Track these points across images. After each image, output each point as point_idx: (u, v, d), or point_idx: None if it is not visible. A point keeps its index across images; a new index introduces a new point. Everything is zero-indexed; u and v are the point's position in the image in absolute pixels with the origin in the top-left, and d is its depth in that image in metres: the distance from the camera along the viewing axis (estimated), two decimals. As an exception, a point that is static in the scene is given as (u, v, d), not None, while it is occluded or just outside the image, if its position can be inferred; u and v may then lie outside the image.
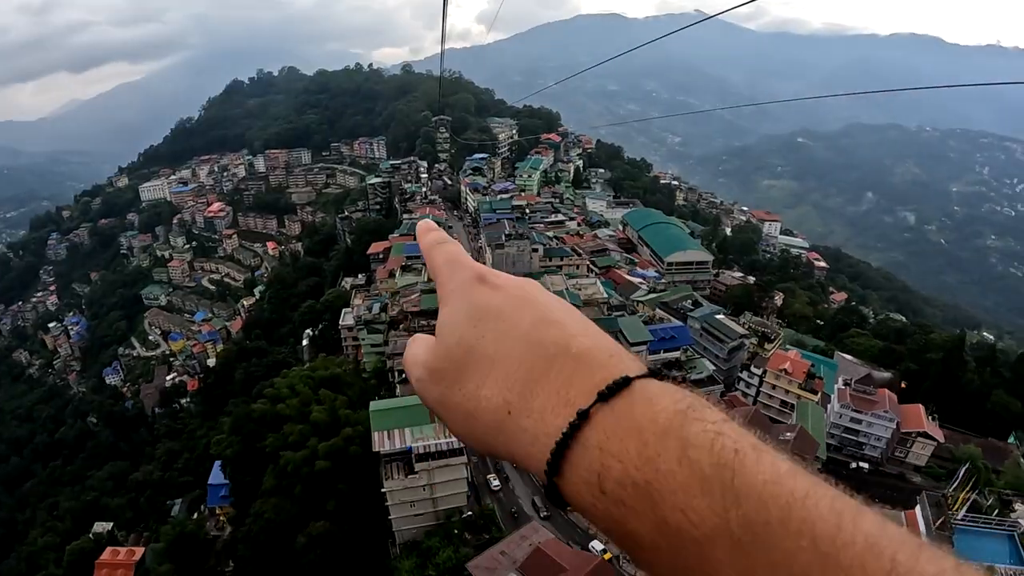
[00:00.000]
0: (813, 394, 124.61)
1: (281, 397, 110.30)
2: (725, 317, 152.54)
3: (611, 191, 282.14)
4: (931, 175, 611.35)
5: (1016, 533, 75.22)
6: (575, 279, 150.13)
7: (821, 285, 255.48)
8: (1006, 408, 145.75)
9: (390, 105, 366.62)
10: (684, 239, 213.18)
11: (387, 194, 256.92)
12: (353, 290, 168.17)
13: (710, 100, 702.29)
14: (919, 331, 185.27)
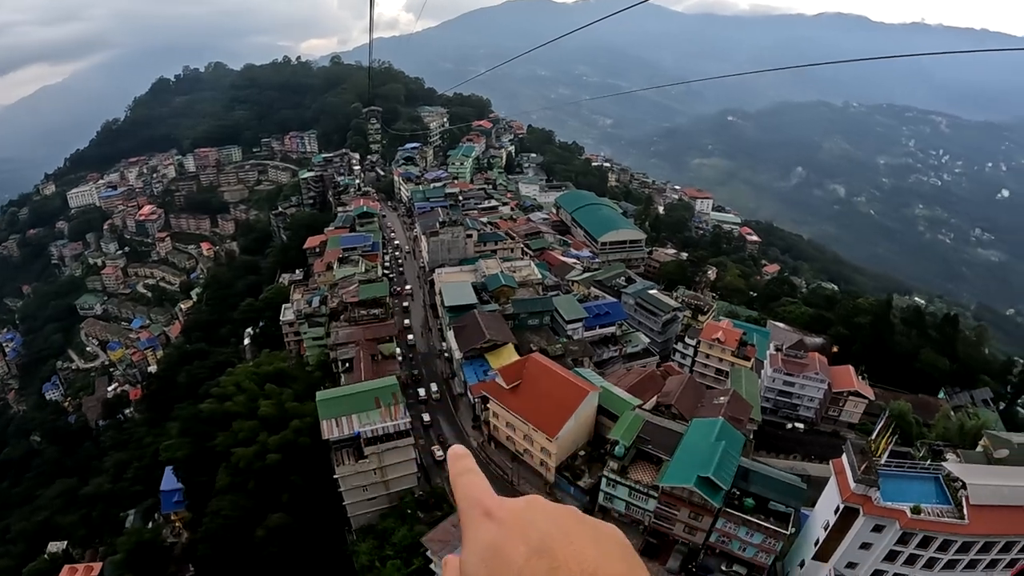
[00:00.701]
0: (746, 361, 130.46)
1: (228, 395, 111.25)
2: (658, 292, 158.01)
3: (544, 175, 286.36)
4: (859, 149, 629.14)
5: (941, 476, 79.60)
6: (510, 262, 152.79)
7: (753, 258, 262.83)
8: (934, 366, 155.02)
9: (320, 98, 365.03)
10: (617, 219, 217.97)
11: (320, 188, 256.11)
12: (291, 285, 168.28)
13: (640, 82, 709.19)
14: (848, 298, 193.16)
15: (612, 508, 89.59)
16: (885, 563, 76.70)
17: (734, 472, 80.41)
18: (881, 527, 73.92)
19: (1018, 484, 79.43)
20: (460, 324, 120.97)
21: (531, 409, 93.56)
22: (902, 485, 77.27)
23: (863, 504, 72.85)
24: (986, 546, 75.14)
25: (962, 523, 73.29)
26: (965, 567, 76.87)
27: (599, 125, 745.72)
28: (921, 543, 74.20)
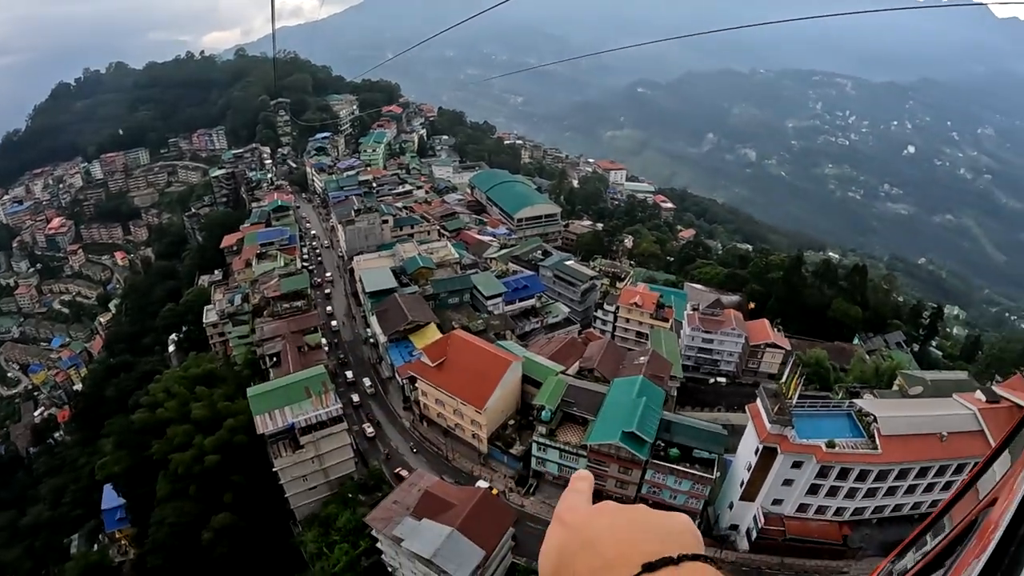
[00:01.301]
0: (664, 322, 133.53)
1: (159, 402, 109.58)
2: (575, 262, 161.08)
3: (457, 156, 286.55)
4: (767, 113, 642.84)
5: (853, 411, 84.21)
6: (427, 244, 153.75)
7: (669, 224, 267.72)
8: (847, 314, 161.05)
9: (226, 93, 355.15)
10: (531, 195, 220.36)
11: (233, 185, 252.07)
12: (212, 286, 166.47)
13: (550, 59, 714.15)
14: (760, 255, 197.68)
15: (546, 472, 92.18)
16: (809, 497, 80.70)
17: (657, 425, 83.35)
18: (800, 463, 77.40)
19: (925, 414, 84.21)
20: (382, 308, 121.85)
21: (458, 384, 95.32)
22: (817, 423, 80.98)
23: (780, 443, 76.11)
24: (902, 473, 79.48)
25: (876, 453, 77.34)
26: (885, 494, 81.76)
27: (510, 103, 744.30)
28: (840, 475, 78.18)
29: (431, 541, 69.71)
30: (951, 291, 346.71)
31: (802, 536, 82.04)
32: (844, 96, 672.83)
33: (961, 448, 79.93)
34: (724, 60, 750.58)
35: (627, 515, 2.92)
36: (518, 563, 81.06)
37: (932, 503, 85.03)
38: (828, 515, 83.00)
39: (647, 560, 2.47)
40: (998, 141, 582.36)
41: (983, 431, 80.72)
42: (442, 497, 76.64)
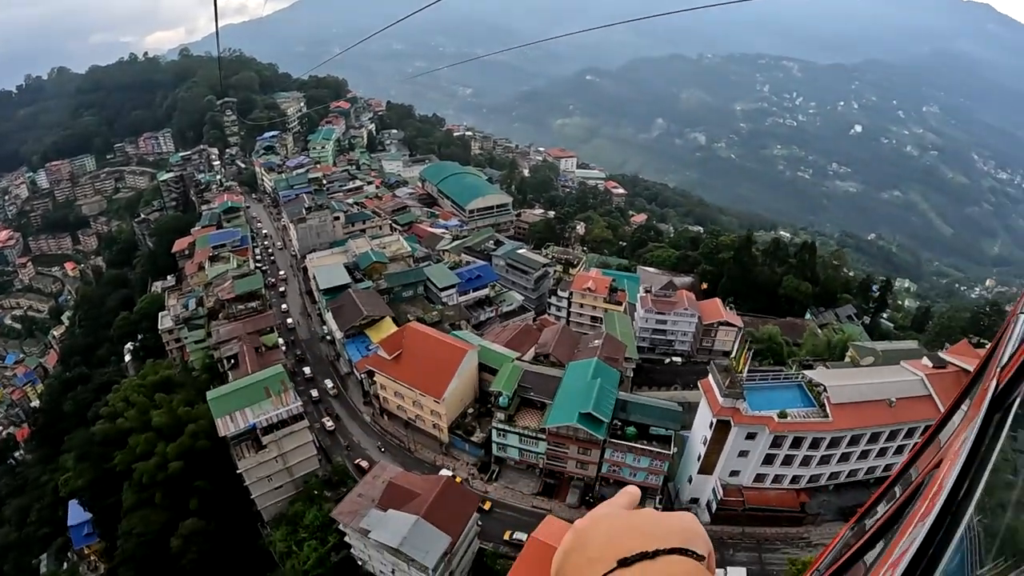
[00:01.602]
0: (618, 305, 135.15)
1: (119, 412, 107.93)
2: (527, 251, 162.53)
3: (406, 150, 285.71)
4: (716, 97, 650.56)
5: (803, 382, 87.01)
6: (379, 239, 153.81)
7: (621, 210, 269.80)
8: (797, 290, 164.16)
9: (171, 94, 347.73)
10: (482, 186, 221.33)
11: (181, 188, 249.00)
12: (165, 292, 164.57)
13: (498, 49, 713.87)
14: (711, 236, 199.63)
15: (507, 457, 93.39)
16: (765, 467, 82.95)
17: (613, 405, 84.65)
18: (754, 435, 79.38)
19: (873, 382, 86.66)
20: (337, 305, 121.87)
21: (415, 375, 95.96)
22: (769, 395, 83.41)
23: (733, 416, 77.91)
24: (853, 439, 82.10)
25: (827, 421, 79.69)
26: (839, 461, 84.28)
27: (459, 95, 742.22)
28: (793, 444, 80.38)
29: (397, 531, 70.67)
30: (901, 265, 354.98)
31: (761, 505, 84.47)
32: (791, 79, 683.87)
33: (910, 413, 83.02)
34: (672, 46, 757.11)
35: (629, 517, 2.94)
36: (485, 548, 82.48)
37: (886, 467, 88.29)
38: (785, 484, 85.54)
39: (624, 555, 2.51)
40: (942, 118, 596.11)
41: (931, 395, 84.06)
42: (406, 487, 77.42)
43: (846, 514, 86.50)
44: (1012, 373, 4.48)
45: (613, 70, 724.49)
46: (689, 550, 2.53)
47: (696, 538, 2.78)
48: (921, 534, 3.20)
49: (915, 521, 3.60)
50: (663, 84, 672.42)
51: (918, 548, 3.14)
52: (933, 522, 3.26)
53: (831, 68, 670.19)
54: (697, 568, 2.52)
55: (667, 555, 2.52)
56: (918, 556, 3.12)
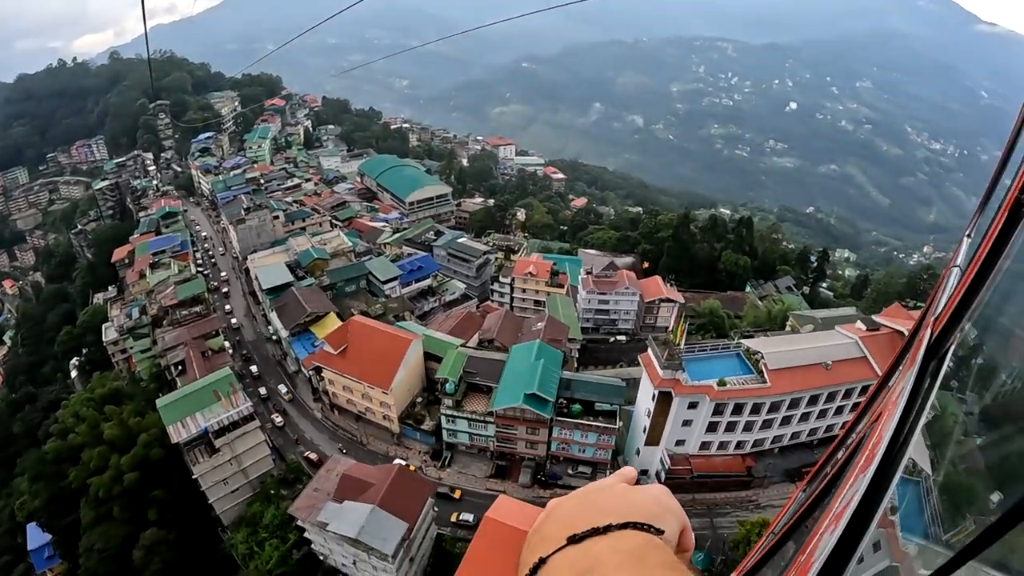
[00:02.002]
0: (560, 288, 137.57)
1: (69, 428, 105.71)
2: (467, 239, 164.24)
3: (344, 145, 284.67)
4: (652, 80, 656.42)
5: (740, 351, 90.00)
6: (319, 236, 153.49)
7: (561, 195, 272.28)
8: (736, 264, 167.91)
9: (102, 100, 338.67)
10: (421, 177, 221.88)
11: (118, 196, 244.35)
12: (107, 303, 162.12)
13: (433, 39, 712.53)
14: (650, 216, 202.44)
15: (458, 443, 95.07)
16: (709, 434, 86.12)
17: (557, 384, 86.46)
18: (695, 404, 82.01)
19: (809, 346, 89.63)
20: (281, 304, 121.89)
21: (362, 368, 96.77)
22: (708, 365, 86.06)
23: (674, 387, 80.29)
24: (793, 403, 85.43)
25: (765, 386, 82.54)
26: (781, 424, 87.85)
27: (396, 87, 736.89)
28: (735, 410, 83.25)
29: (355, 521, 71.60)
30: (840, 236, 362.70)
31: (708, 472, 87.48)
32: (726, 59, 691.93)
33: (846, 374, 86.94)
34: (608, 31, 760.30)
35: (596, 494, 2.88)
36: (444, 534, 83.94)
37: (828, 428, 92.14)
38: (730, 450, 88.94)
39: (574, 533, 2.43)
40: (876, 93, 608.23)
41: (866, 357, 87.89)
42: (360, 478, 78.26)
43: (792, 475, 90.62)
44: (945, 322, 4.86)
45: (550, 57, 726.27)
46: (644, 524, 2.45)
47: (663, 512, 2.69)
48: (863, 486, 3.18)
49: (856, 474, 3.79)
50: (600, 69, 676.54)
51: (860, 500, 3.11)
52: (874, 473, 3.26)
53: (766, 47, 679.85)
54: (650, 542, 2.39)
55: (618, 530, 2.40)
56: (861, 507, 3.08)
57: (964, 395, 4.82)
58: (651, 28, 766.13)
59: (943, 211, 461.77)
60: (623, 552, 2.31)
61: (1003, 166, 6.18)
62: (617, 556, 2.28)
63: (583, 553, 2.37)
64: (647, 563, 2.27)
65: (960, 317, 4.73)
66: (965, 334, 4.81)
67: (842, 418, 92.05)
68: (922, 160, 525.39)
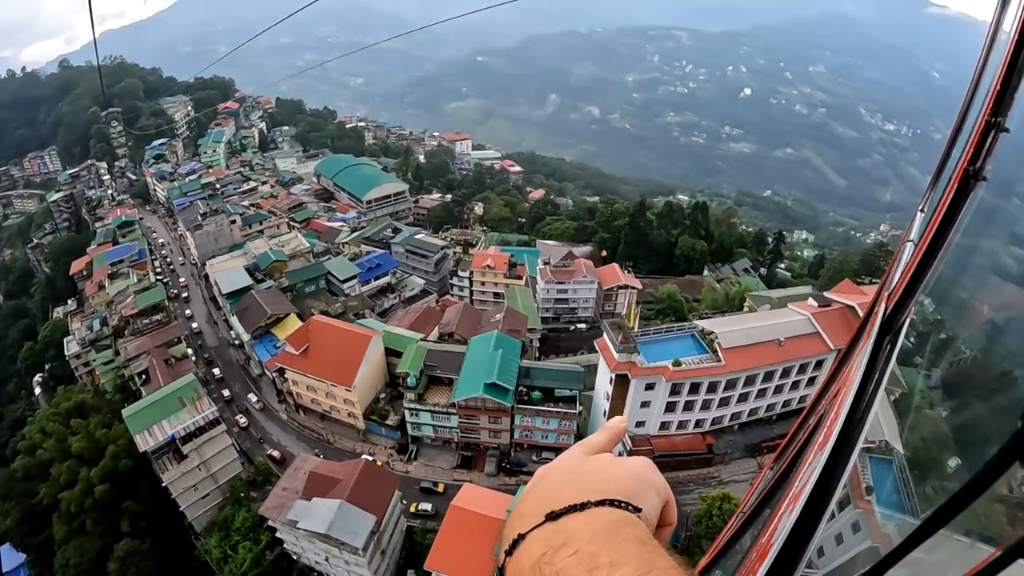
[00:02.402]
0: (519, 279, 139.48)
1: (37, 444, 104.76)
2: (425, 235, 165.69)
3: (299, 146, 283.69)
4: (608, 70, 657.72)
5: (696, 332, 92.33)
6: (277, 238, 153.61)
7: (518, 188, 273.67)
8: (693, 249, 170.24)
9: (54, 109, 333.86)
10: (378, 176, 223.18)
11: (73, 208, 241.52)
12: (68, 317, 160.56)
13: (386, 36, 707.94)
14: (606, 205, 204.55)
15: (423, 436, 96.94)
16: (668, 414, 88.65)
17: (516, 373, 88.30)
18: (652, 385, 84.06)
19: (761, 324, 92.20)
20: (241, 307, 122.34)
21: (324, 367, 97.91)
22: (664, 347, 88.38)
23: (630, 369, 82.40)
24: (748, 380, 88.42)
25: (720, 365, 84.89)
26: (738, 402, 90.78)
27: (351, 85, 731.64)
28: (691, 390, 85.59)
29: (324, 517, 72.82)
30: (798, 218, 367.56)
31: (670, 451, 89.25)
32: (681, 47, 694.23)
33: (799, 350, 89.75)
34: (562, 22, 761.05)
35: (580, 466, 2.86)
36: (414, 526, 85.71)
37: (784, 403, 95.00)
38: (690, 428, 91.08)
39: (553, 509, 2.46)
40: (830, 77, 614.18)
41: (818, 332, 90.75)
42: (327, 475, 79.51)
43: (752, 451, 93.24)
44: (899, 296, 5.00)
45: (504, 50, 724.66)
46: (621, 501, 2.47)
47: (644, 488, 2.73)
48: (819, 465, 3.29)
49: (815, 453, 3.83)
50: (555, 60, 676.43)
51: (817, 479, 3.21)
52: (831, 451, 3.37)
53: (720, 35, 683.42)
54: (624, 518, 2.43)
55: (595, 507, 2.44)
56: (819, 486, 3.19)
57: (929, 371, 5.06)
58: (605, 19, 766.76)
59: (899, 190, 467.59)
60: (595, 527, 2.31)
61: (952, 143, 6.49)
62: (589, 531, 2.28)
63: (557, 529, 2.38)
64: (618, 537, 2.29)
65: (913, 291, 4.97)
66: (924, 309, 5.13)
67: (799, 393, 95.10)
68: (877, 141, 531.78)
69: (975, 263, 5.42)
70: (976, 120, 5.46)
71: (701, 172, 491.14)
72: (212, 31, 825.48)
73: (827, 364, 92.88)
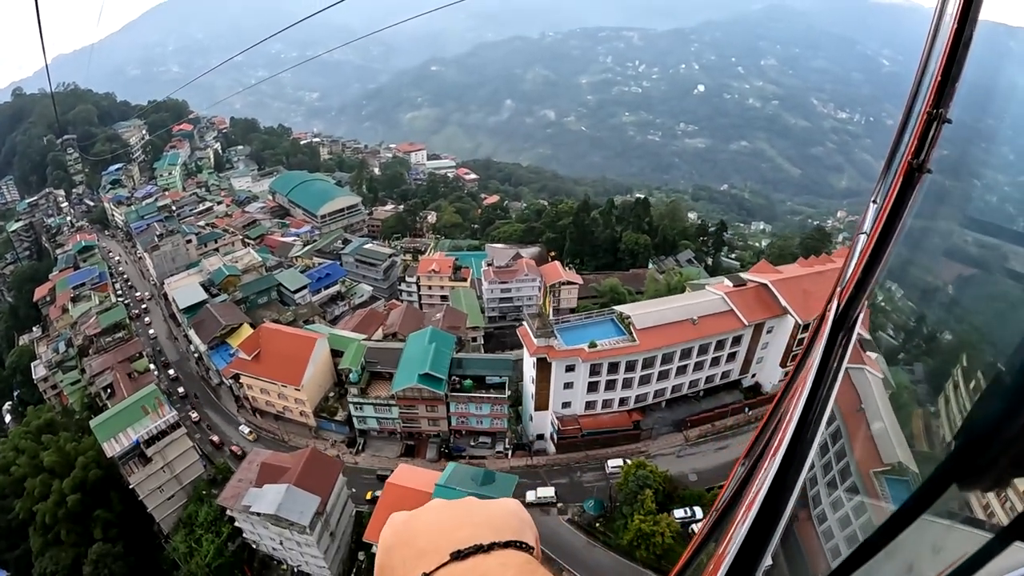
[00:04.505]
0: (463, 281, 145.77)
1: (10, 462, 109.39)
2: (373, 245, 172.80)
3: (255, 165, 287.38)
4: (560, 74, 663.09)
5: (614, 317, 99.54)
6: (231, 255, 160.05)
7: (472, 194, 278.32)
8: (637, 243, 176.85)
9: (8, 139, 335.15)
10: (331, 190, 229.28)
11: (32, 236, 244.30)
12: (34, 343, 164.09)
13: (338, 50, 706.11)
14: (551, 206, 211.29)
15: (369, 429, 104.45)
16: (591, 394, 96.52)
17: (448, 364, 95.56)
18: (572, 367, 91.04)
19: (675, 306, 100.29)
20: (197, 320, 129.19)
21: (274, 369, 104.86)
22: (584, 331, 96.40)
23: (548, 352, 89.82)
24: (666, 358, 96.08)
25: (634, 344, 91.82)
26: (659, 379, 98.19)
27: (306, 101, 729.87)
28: (610, 369, 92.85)
29: (273, 500, 79.44)
30: (755, 209, 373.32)
31: (597, 429, 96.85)
32: (632, 47, 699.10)
33: (712, 327, 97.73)
34: (511, 28, 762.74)
35: (451, 508, 2.88)
36: (363, 511, 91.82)
37: (707, 379, 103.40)
38: (615, 407, 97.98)
39: (457, 548, 2.43)
40: (780, 69, 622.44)
41: (732, 310, 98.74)
42: (277, 465, 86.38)
43: (679, 426, 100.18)
44: (850, 292, 5.02)
45: (456, 57, 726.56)
46: (522, 543, 2.54)
47: (524, 527, 2.79)
48: (773, 468, 3.26)
49: (770, 456, 3.67)
50: (508, 66, 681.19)
51: (770, 484, 3.20)
52: (784, 454, 3.35)
53: (670, 33, 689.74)
54: (531, 560, 2.48)
55: (502, 548, 2.47)
56: (770, 493, 3.19)
57: (911, 366, 4.92)
58: (555, 23, 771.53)
59: (854, 176, 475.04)
60: (512, 568, 2.39)
61: (902, 132, 6.41)
62: (508, 572, 2.36)
63: (470, 568, 2.39)
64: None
65: (865, 285, 4.95)
66: (893, 298, 5.22)
67: (719, 369, 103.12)
68: (830, 130, 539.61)
69: (925, 253, 5.60)
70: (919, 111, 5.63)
71: (657, 169, 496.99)
72: (163, 52, 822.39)
73: (744, 339, 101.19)
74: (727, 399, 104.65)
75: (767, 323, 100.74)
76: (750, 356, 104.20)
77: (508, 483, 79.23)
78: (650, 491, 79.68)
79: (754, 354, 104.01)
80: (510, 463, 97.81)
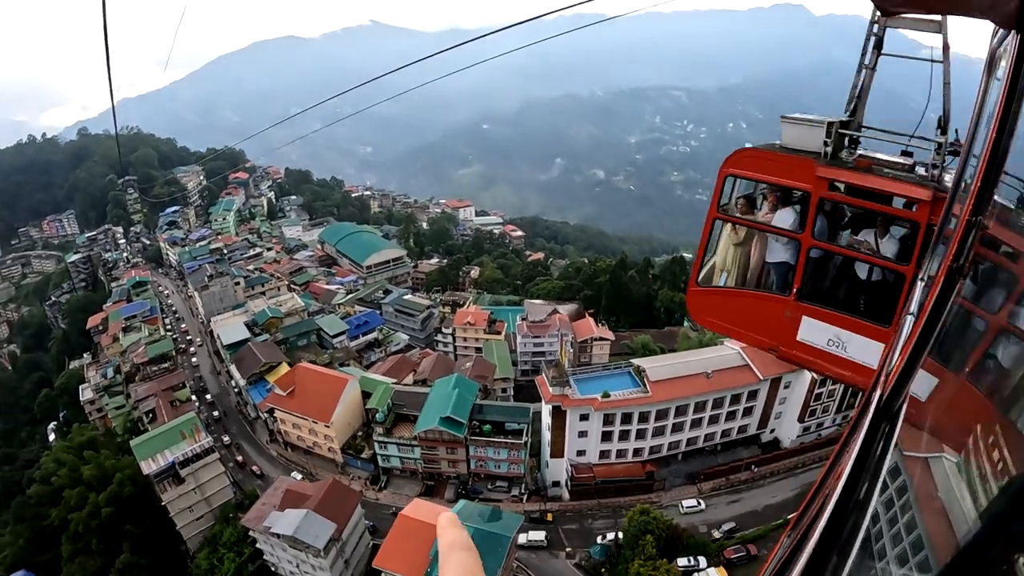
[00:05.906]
0: (498, 335, 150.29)
1: (51, 472, 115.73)
2: (413, 296, 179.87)
3: (306, 215, 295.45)
4: (608, 133, 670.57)
5: (631, 369, 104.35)
6: (276, 298, 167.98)
7: (517, 251, 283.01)
8: (672, 301, 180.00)
9: (71, 175, 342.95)
10: (377, 242, 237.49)
11: (90, 268, 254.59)
12: (84, 368, 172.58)
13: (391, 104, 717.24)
14: (589, 264, 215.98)
15: (392, 467, 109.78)
16: (605, 443, 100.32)
17: (470, 410, 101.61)
18: (586, 416, 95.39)
19: (690, 359, 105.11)
20: (239, 357, 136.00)
21: (306, 406, 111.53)
22: (601, 382, 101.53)
23: (563, 401, 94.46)
24: (679, 410, 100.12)
25: (646, 395, 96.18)
26: (673, 431, 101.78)
27: (359, 153, 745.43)
28: (624, 420, 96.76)
29: (291, 522, 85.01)
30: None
31: (610, 478, 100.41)
32: (680, 106, 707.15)
33: (727, 381, 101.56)
34: (560, 86, 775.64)
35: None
36: (379, 544, 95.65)
37: (723, 434, 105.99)
38: (629, 457, 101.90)
39: None
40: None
41: (748, 365, 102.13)
42: (300, 492, 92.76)
43: (693, 479, 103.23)
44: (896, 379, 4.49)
45: (507, 115, 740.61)
46: None
47: None
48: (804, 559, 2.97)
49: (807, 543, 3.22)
50: (557, 124, 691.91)
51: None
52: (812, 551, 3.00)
53: (717, 91, 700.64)
54: None
55: None
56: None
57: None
58: (604, 81, 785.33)
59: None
60: None
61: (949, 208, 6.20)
62: None
63: None
64: None
65: (910, 374, 4.48)
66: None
67: (736, 423, 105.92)
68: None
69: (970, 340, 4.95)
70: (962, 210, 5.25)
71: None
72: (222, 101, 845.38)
73: (761, 394, 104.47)
74: (744, 454, 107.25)
75: (784, 378, 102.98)
76: (768, 411, 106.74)
77: (513, 521, 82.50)
78: (651, 537, 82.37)
79: (772, 409, 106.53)
80: (524, 507, 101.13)
